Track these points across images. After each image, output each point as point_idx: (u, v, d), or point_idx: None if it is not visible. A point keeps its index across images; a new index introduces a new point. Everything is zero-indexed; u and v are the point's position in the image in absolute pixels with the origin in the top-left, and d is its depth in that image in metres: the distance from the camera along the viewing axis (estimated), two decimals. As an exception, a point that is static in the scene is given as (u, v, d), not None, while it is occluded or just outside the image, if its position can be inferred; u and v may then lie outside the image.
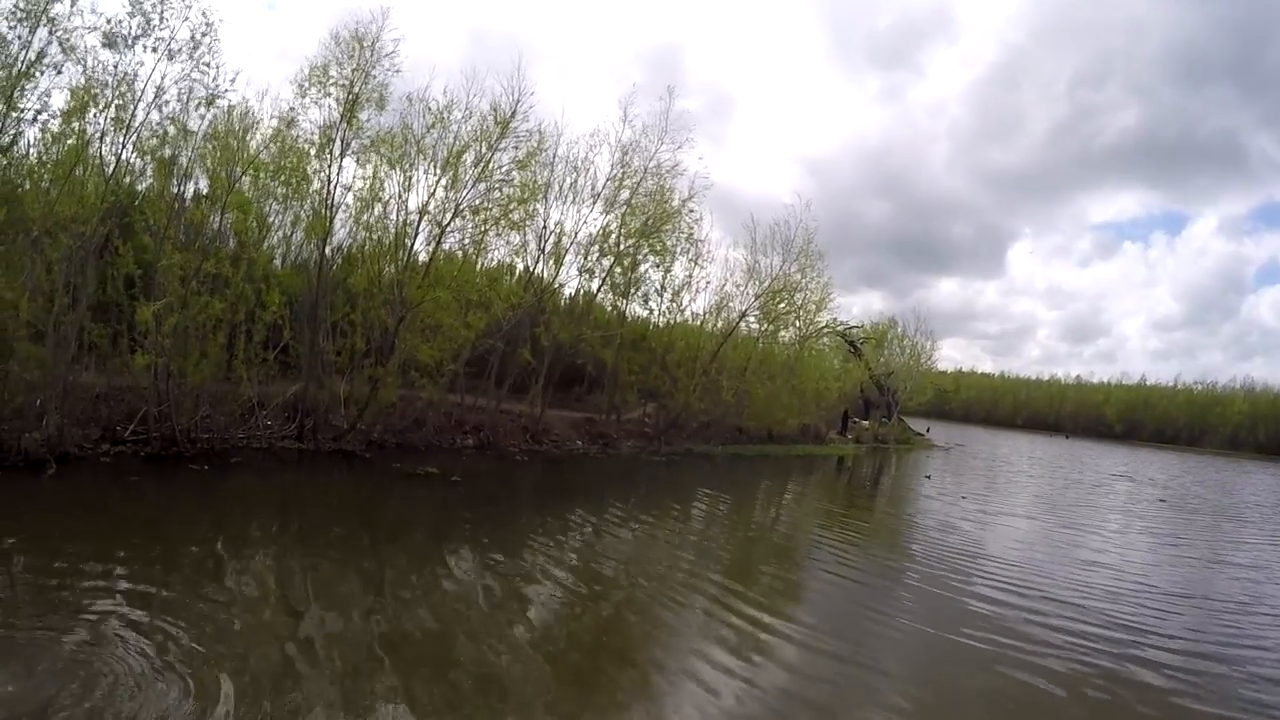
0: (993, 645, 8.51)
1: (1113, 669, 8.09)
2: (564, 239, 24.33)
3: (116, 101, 13.70)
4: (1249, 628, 10.49)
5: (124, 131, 13.99)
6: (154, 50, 13.87)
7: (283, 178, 16.83)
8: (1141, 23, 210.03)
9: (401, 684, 5.91)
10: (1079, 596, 11.21)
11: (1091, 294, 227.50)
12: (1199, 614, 10.96)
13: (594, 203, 24.42)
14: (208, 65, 14.55)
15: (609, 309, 28.31)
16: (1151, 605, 11.06)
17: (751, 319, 31.28)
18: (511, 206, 20.32)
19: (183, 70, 14.28)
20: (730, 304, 30.70)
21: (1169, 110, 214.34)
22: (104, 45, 13.46)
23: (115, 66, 13.64)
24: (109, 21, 13.43)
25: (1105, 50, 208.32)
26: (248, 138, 16.64)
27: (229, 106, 16.08)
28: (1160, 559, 15.47)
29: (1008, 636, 8.88)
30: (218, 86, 14.86)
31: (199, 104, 14.94)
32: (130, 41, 13.70)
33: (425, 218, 18.95)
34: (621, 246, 25.14)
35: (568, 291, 27.28)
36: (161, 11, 13.85)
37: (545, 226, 23.74)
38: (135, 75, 13.84)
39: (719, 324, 30.77)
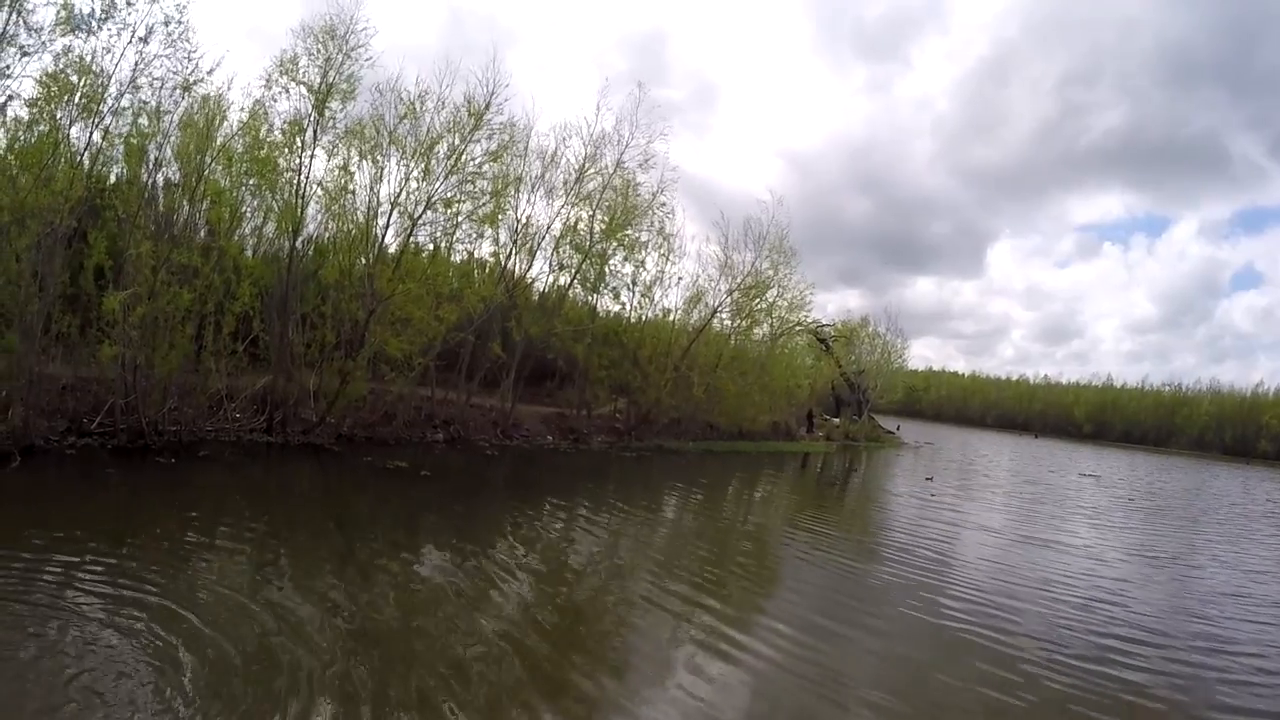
0: (967, 635, 8.74)
1: (1084, 659, 8.31)
2: (536, 232, 24.43)
3: (86, 87, 13.55)
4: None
5: (94, 118, 13.84)
6: (126, 31, 13.73)
7: (254, 167, 16.72)
8: (1135, 22, 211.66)
9: (369, 678, 5.98)
10: (1048, 592, 11.45)
11: (1069, 295, 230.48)
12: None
13: (566, 196, 24.49)
14: (187, 55, 14.45)
15: (581, 304, 28.34)
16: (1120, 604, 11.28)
17: (724, 315, 31.51)
18: (483, 200, 20.36)
19: (156, 54, 14.14)
20: (703, 299, 30.90)
21: (1157, 111, 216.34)
22: (72, 29, 13.31)
23: (85, 50, 13.51)
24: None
25: (1097, 48, 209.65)
26: (218, 124, 16.51)
27: (204, 95, 15.94)
28: (1124, 556, 15.73)
29: (980, 631, 9.11)
30: (193, 72, 14.74)
31: (174, 90, 14.78)
32: (99, 23, 13.56)
33: (397, 209, 18.94)
34: (592, 240, 25.18)
35: (540, 286, 27.30)
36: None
37: (518, 220, 23.78)
38: (105, 58, 13.71)
39: (692, 320, 30.95)
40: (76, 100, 13.43)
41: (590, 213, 24.94)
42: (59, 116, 13.41)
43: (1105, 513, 23.60)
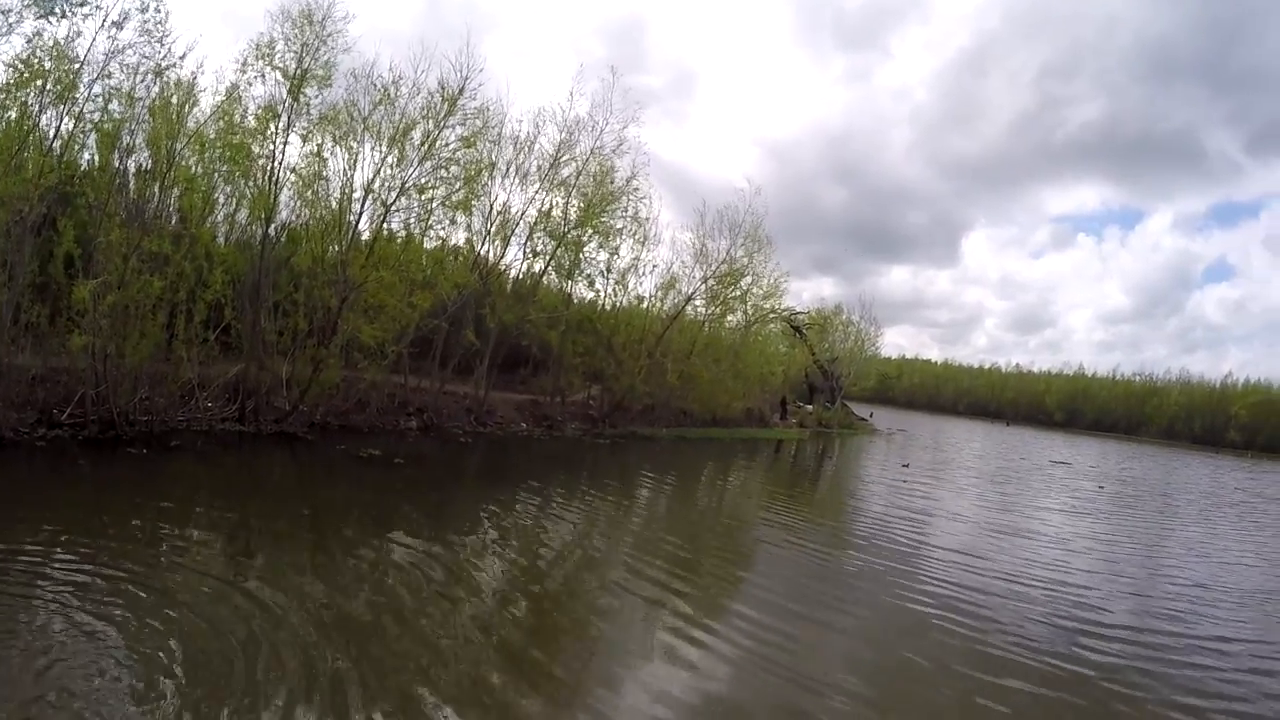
0: (933, 614, 8.94)
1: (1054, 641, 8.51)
2: (510, 219, 24.41)
3: (58, 73, 13.39)
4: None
5: (65, 104, 13.70)
6: (98, 11, 13.58)
7: (227, 153, 16.60)
8: (1116, 17, 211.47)
9: (344, 667, 6.06)
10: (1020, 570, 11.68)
11: (1042, 285, 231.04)
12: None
13: (541, 182, 24.49)
14: (159, 39, 14.31)
15: (555, 291, 28.37)
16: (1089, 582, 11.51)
17: (698, 302, 31.66)
18: (457, 186, 20.29)
19: (130, 41, 14.02)
20: (678, 286, 31.05)
21: (1135, 105, 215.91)
22: (44, 13, 13.15)
23: (58, 34, 13.37)
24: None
25: (1077, 42, 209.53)
26: (190, 110, 16.36)
27: (175, 80, 15.79)
28: (1095, 544, 15.98)
29: (948, 610, 9.32)
30: (166, 57, 14.60)
31: (145, 76, 14.64)
32: (73, 7, 13.39)
33: (370, 196, 18.85)
34: (566, 226, 25.21)
35: (514, 272, 27.29)
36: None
37: (491, 206, 23.75)
38: (78, 42, 13.57)
39: (666, 307, 31.08)
40: (48, 86, 13.29)
41: (565, 199, 25.01)
42: (29, 102, 13.28)
43: (1076, 500, 24.01)
